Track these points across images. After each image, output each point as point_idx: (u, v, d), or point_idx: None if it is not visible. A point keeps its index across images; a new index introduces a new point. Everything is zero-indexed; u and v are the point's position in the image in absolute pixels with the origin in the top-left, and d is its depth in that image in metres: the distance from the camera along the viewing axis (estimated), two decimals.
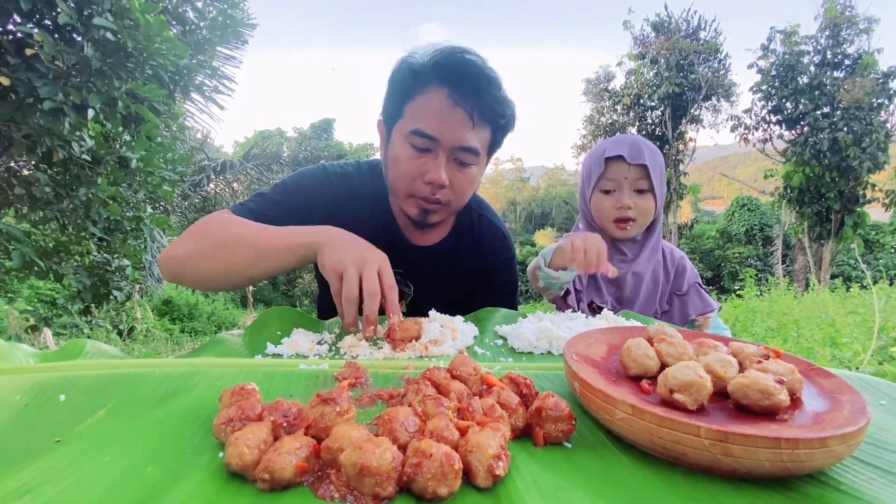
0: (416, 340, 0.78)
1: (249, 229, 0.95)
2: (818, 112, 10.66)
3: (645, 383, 0.55)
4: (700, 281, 1.46)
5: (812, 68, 10.91)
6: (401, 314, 0.82)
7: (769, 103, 11.39)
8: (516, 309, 1.16)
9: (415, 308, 1.18)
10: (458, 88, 0.93)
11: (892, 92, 10.24)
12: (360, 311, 0.82)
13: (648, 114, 13.80)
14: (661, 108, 13.40)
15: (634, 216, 1.29)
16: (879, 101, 10.20)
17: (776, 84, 11.12)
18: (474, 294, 1.23)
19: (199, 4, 3.36)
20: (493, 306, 1.12)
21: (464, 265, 1.21)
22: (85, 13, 2.33)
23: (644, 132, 13.78)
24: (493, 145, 1.05)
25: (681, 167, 13.31)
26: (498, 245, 1.24)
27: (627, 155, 1.26)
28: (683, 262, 1.46)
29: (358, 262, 0.82)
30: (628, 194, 1.28)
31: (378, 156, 1.15)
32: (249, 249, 0.91)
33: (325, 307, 1.26)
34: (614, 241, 1.36)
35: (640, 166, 1.27)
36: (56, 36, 2.36)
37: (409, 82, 0.97)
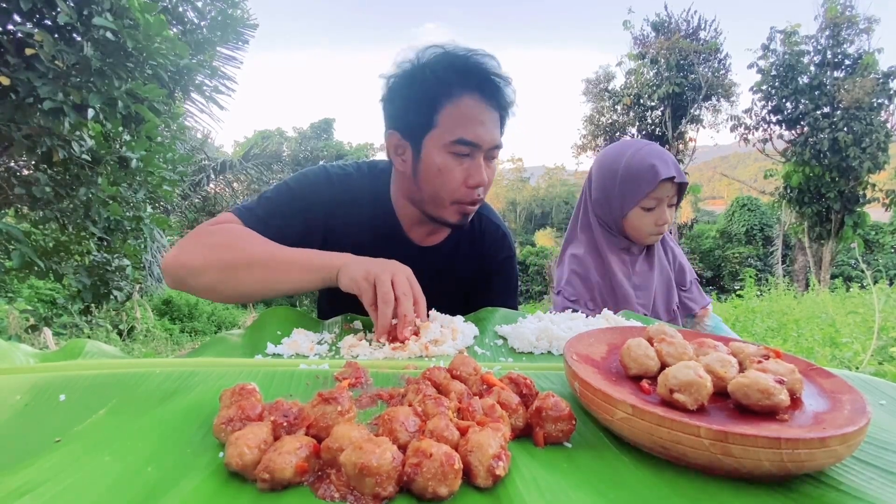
0: (416, 336, 0.78)
1: (266, 248, 0.94)
2: (818, 112, 10.66)
3: (645, 383, 0.55)
4: (695, 276, 1.49)
5: (812, 68, 10.91)
6: (429, 325, 0.82)
7: (769, 103, 11.39)
8: (517, 309, 1.17)
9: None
10: (487, 92, 0.97)
11: (892, 92, 10.24)
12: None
13: (648, 114, 13.81)
14: (661, 108, 13.41)
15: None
16: (879, 101, 10.20)
17: (776, 84, 11.12)
18: (475, 294, 1.24)
19: (199, 4, 3.36)
20: (495, 306, 1.11)
21: (465, 265, 1.22)
22: (85, 13, 2.32)
23: (644, 132, 13.79)
24: (503, 128, 1.09)
25: (681, 167, 13.31)
26: (498, 244, 1.25)
27: (678, 175, 1.27)
28: (682, 258, 1.48)
29: (388, 269, 0.85)
30: (667, 210, 1.31)
31: (378, 157, 1.15)
32: (265, 270, 0.91)
33: (324, 310, 1.26)
34: (630, 250, 1.36)
35: (680, 185, 1.30)
36: (56, 36, 2.36)
37: (434, 90, 0.97)
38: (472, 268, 1.23)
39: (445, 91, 0.96)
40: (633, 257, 1.37)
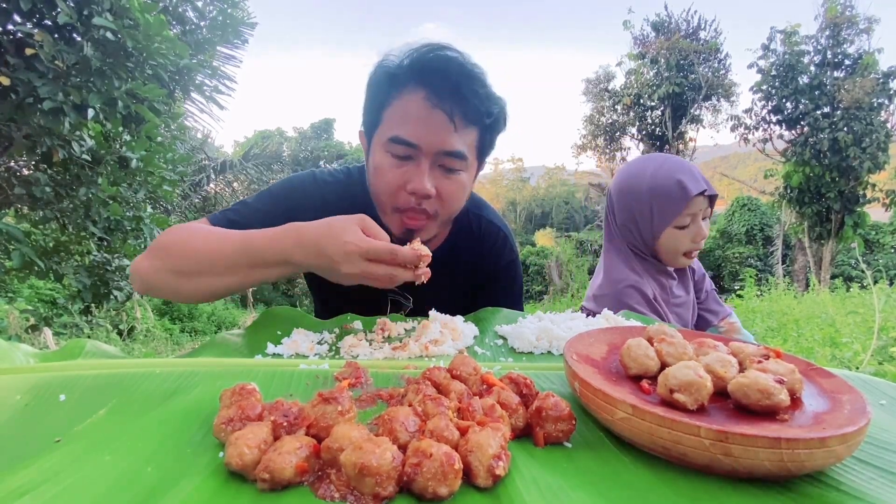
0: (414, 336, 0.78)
1: (209, 243, 0.85)
2: (818, 112, 10.66)
3: (645, 383, 0.55)
4: (713, 284, 1.40)
5: (812, 68, 10.90)
6: (428, 252, 0.77)
7: (769, 103, 11.39)
8: (522, 310, 1.10)
9: (415, 314, 1.11)
10: (436, 88, 0.86)
11: (892, 92, 10.24)
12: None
13: (648, 114, 13.81)
14: (661, 108, 13.41)
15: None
16: (879, 101, 10.20)
17: (776, 84, 11.12)
18: (477, 299, 1.16)
19: (199, 4, 3.36)
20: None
21: (464, 270, 1.14)
22: (85, 13, 2.32)
23: (644, 132, 13.79)
24: (484, 147, 0.97)
25: None
26: (500, 246, 1.17)
27: (708, 188, 1.20)
28: (701, 268, 1.40)
29: (351, 253, 0.74)
30: (702, 224, 1.22)
31: None
32: (212, 274, 0.84)
33: (319, 311, 1.23)
34: (666, 272, 1.29)
35: (711, 197, 1.22)
36: (56, 36, 2.36)
37: (385, 87, 0.90)
38: (473, 272, 1.16)
39: (395, 86, 0.89)
40: (669, 281, 1.29)
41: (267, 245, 0.81)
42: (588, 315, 0.93)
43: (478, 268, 1.15)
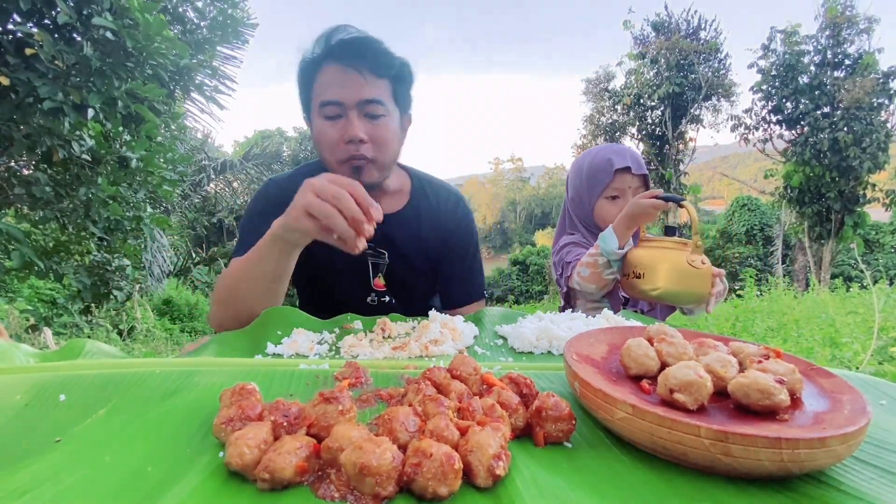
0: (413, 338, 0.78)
1: (236, 264, 1.01)
2: (818, 112, 10.65)
3: (645, 383, 0.55)
4: None
5: (812, 68, 10.89)
6: (377, 205, 0.81)
7: (769, 103, 11.38)
8: (482, 273, 1.36)
9: (391, 278, 1.23)
10: (345, 56, 1.05)
11: (892, 92, 10.23)
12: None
13: (648, 114, 13.79)
14: (661, 108, 13.39)
15: None
16: (880, 101, 10.19)
17: (776, 84, 11.11)
18: (441, 261, 1.29)
19: (199, 4, 3.36)
20: (459, 271, 1.30)
21: (427, 231, 1.27)
22: (84, 12, 2.32)
23: (644, 132, 13.78)
24: (399, 96, 1.13)
25: (681, 167, 13.30)
26: (454, 202, 1.32)
27: (634, 166, 1.40)
28: None
29: (306, 188, 0.82)
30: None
31: None
32: (246, 280, 0.96)
33: (305, 300, 1.35)
34: None
35: (641, 176, 1.42)
36: (56, 35, 2.35)
37: (308, 72, 1.09)
38: (434, 233, 1.28)
39: (316, 68, 1.08)
40: None
41: (267, 237, 0.92)
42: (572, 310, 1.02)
43: (437, 226, 1.28)
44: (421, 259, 1.26)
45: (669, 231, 1.31)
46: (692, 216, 1.19)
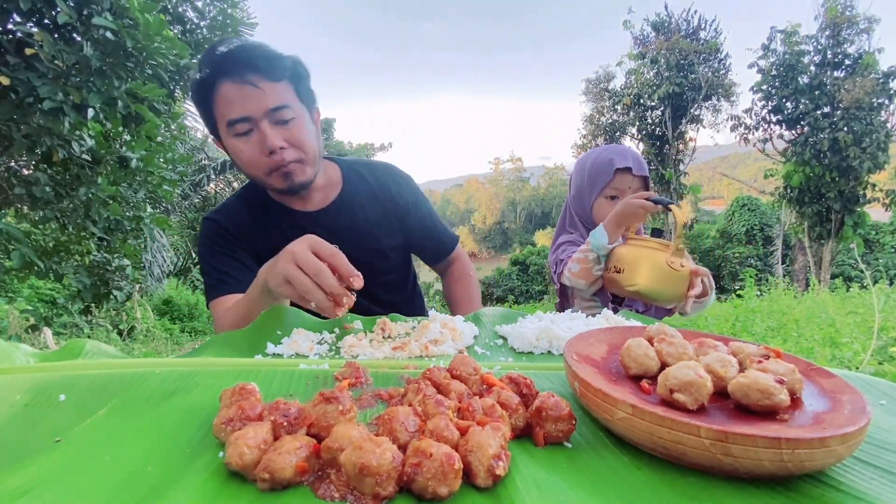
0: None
1: (233, 310, 1.03)
2: (818, 112, 10.65)
3: (645, 383, 0.55)
4: None
5: (812, 68, 10.90)
6: (359, 275, 0.80)
7: (769, 103, 11.38)
8: (442, 223, 1.41)
9: (360, 270, 1.21)
10: (237, 70, 1.04)
11: (892, 92, 10.23)
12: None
13: (648, 114, 13.79)
14: (661, 108, 13.39)
15: None
16: (880, 101, 10.19)
17: (776, 84, 11.11)
18: (403, 225, 1.32)
19: (199, 4, 3.36)
20: (422, 226, 1.34)
21: (370, 214, 1.28)
22: (84, 12, 2.32)
23: (644, 132, 13.78)
24: (302, 94, 1.13)
25: (681, 167, 13.31)
26: (386, 172, 1.34)
27: (634, 167, 1.41)
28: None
29: (287, 258, 0.81)
30: None
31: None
32: (244, 321, 0.95)
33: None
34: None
35: (642, 177, 1.43)
36: (56, 35, 2.35)
37: (205, 94, 1.08)
38: (382, 213, 1.29)
39: (210, 89, 1.06)
40: None
41: (255, 288, 0.93)
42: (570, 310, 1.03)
43: (380, 195, 1.31)
44: (379, 235, 1.27)
45: (656, 232, 1.35)
46: (678, 219, 1.20)
